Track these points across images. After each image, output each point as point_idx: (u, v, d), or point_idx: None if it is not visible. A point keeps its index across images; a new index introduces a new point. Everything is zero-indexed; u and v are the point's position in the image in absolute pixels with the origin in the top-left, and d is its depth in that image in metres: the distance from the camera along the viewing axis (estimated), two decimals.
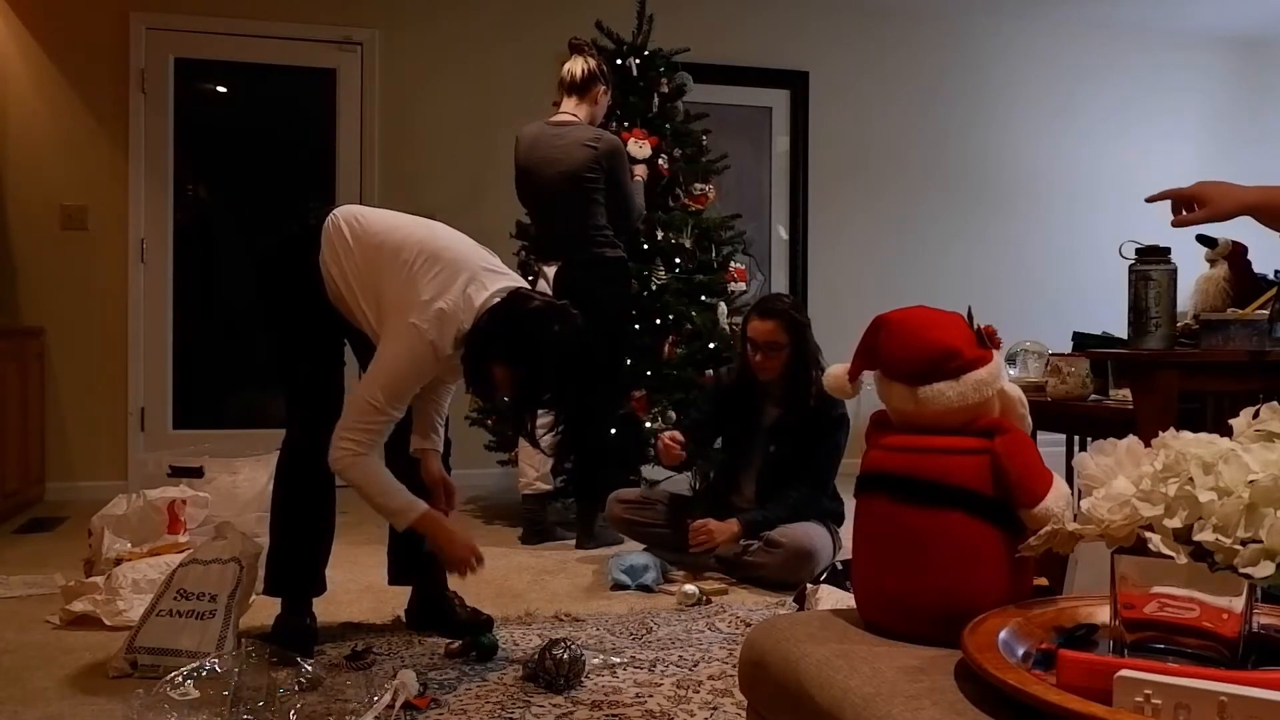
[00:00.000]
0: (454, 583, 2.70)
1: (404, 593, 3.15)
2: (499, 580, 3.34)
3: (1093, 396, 3.22)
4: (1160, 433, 0.95)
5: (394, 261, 2.36)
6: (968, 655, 0.89)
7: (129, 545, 3.04)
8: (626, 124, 4.47)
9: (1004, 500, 1.07)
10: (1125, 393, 3.00)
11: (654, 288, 4.26)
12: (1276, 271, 3.31)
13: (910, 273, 6.02)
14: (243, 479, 3.49)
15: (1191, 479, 0.87)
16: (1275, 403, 0.96)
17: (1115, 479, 0.94)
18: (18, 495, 4.43)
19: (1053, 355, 3.52)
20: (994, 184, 6.24)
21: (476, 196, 5.41)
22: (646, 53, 4.58)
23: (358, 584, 3.27)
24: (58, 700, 2.21)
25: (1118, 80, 6.43)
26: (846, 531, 2.99)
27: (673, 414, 4.19)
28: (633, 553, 3.44)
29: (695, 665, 2.45)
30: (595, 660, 2.44)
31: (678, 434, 3.44)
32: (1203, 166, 6.52)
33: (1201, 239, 3.34)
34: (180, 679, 2.05)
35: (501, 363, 2.31)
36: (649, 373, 4.17)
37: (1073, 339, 3.85)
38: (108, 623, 2.70)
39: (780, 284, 5.89)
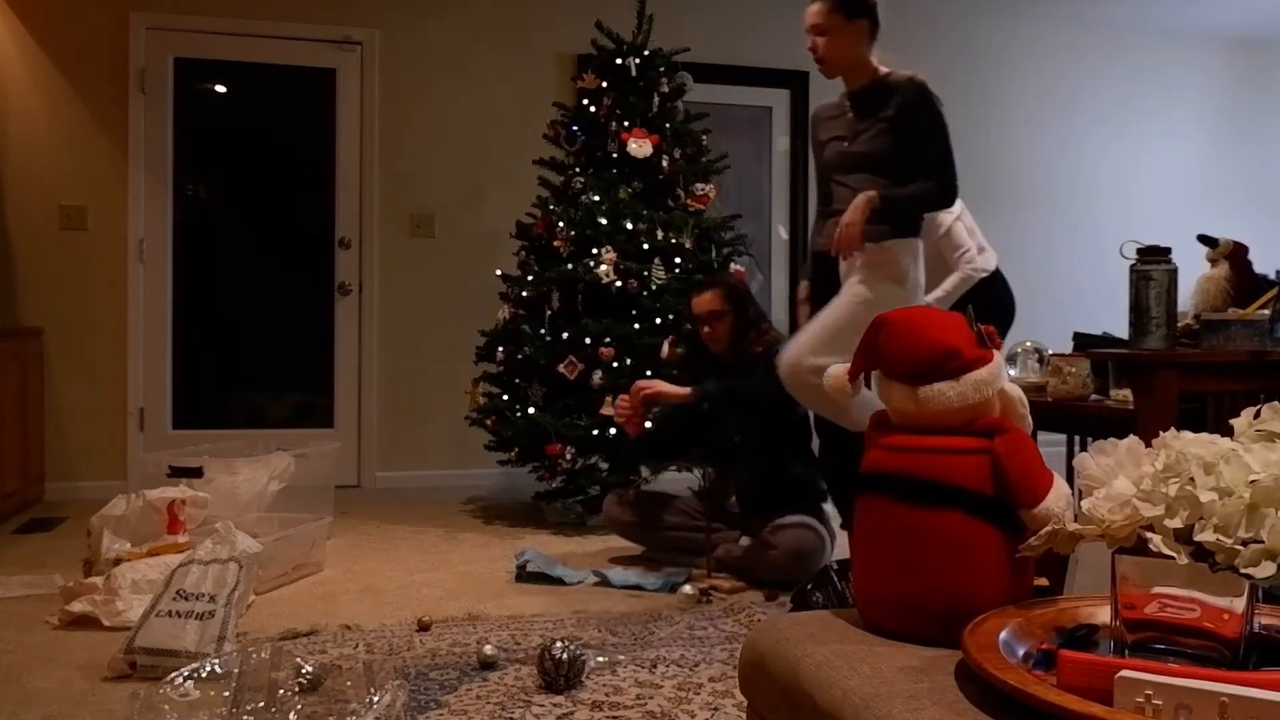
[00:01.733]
0: None
1: (402, 594, 3.16)
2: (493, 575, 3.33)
3: (1093, 396, 3.22)
4: (1161, 433, 0.95)
5: None
6: (968, 655, 0.89)
7: (128, 545, 3.03)
8: (626, 124, 4.47)
9: (1004, 500, 1.07)
10: (1126, 393, 3.00)
11: (654, 288, 4.27)
12: (1278, 271, 3.31)
13: None
14: (242, 479, 3.48)
15: (1192, 479, 0.87)
16: (1276, 403, 0.95)
17: (1116, 479, 0.94)
18: (17, 495, 4.43)
19: (1053, 355, 3.52)
20: (994, 183, 6.23)
21: (476, 196, 5.41)
22: (646, 53, 4.58)
23: (358, 584, 3.27)
24: (57, 701, 2.21)
25: (1118, 80, 6.43)
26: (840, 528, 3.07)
27: None
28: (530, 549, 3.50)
29: (696, 665, 2.45)
30: (600, 660, 2.44)
31: (625, 397, 3.52)
32: (1203, 166, 6.53)
33: (1202, 239, 3.34)
34: (180, 679, 2.04)
35: None
36: (649, 373, 4.17)
37: (1073, 339, 3.85)
38: (107, 623, 2.70)
39: (780, 284, 5.89)
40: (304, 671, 2.20)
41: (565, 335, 4.22)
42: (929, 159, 3.09)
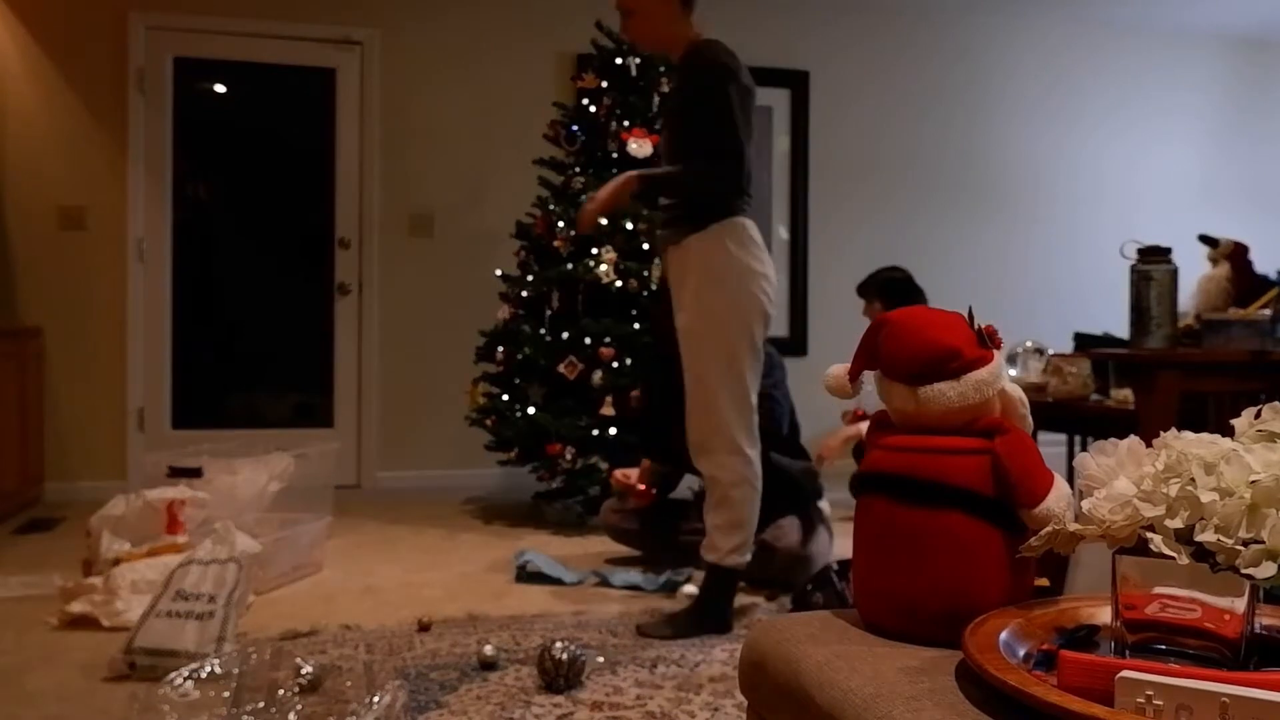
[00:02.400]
0: None
1: (402, 594, 3.15)
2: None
3: (1094, 396, 3.22)
4: (1162, 433, 0.95)
5: None
6: (968, 656, 0.89)
7: (128, 546, 3.03)
8: (626, 124, 4.47)
9: (1004, 500, 1.07)
10: (1126, 393, 3.00)
11: (654, 288, 4.26)
12: (1278, 271, 3.32)
13: (911, 272, 6.01)
14: (242, 479, 3.48)
15: (1193, 479, 0.87)
16: (1277, 403, 0.95)
17: (1116, 479, 0.94)
18: (16, 495, 4.43)
19: (1054, 355, 3.52)
20: (995, 184, 6.24)
21: (476, 196, 5.41)
22: (647, 52, 4.57)
23: (358, 584, 3.27)
24: (56, 701, 2.20)
25: (1119, 79, 6.43)
26: (841, 528, 3.06)
27: None
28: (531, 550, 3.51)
29: (696, 666, 2.45)
30: (600, 660, 2.44)
31: (630, 472, 3.47)
32: (1203, 166, 6.53)
33: (1203, 239, 3.35)
34: (180, 680, 2.04)
35: None
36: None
37: (1074, 339, 3.85)
38: (106, 623, 2.70)
39: (780, 284, 5.88)
40: (304, 671, 2.20)
41: (565, 335, 4.22)
42: (703, 131, 2.66)
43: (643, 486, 3.42)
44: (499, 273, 4.67)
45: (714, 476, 2.75)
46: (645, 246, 4.31)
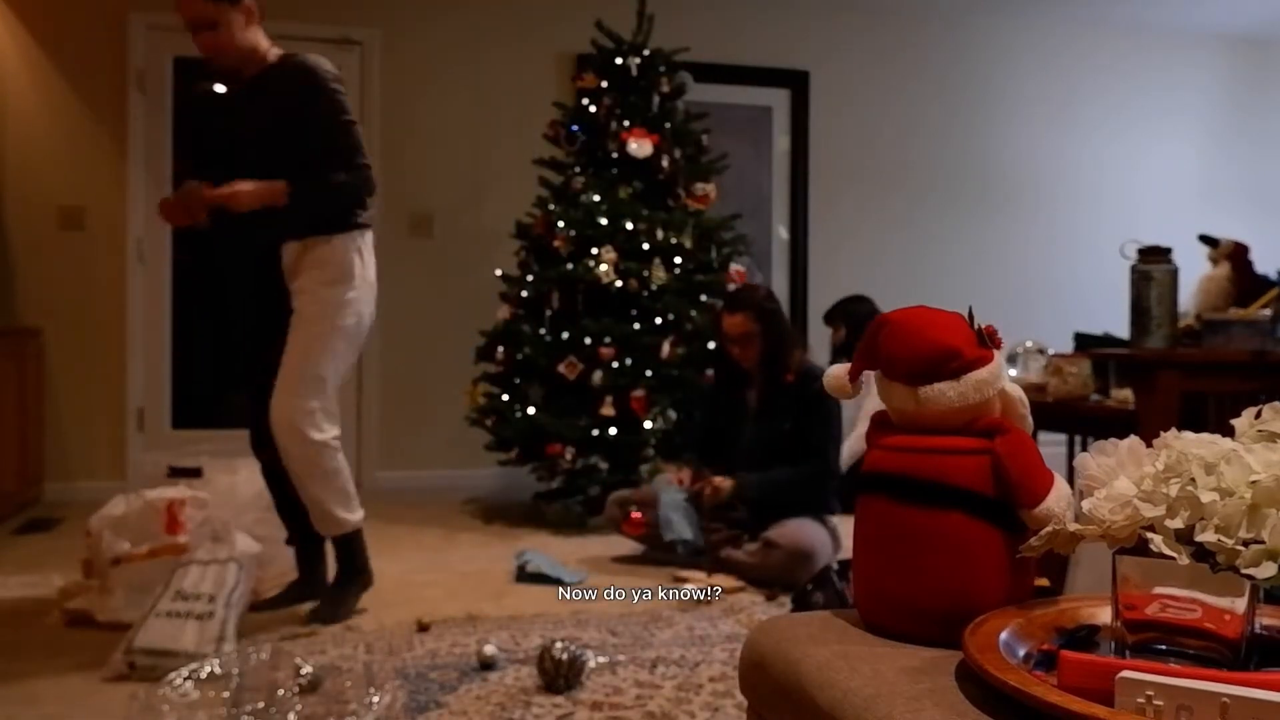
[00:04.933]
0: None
1: (402, 594, 3.16)
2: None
3: (1094, 396, 3.22)
4: (1162, 433, 0.95)
5: None
6: (969, 656, 0.89)
7: (127, 546, 3.03)
8: (626, 124, 4.47)
9: (1004, 501, 1.06)
10: (1126, 393, 3.01)
11: (654, 288, 4.26)
12: (1279, 271, 3.32)
13: (911, 272, 6.03)
14: (242, 479, 3.48)
15: (1193, 479, 0.87)
16: (1277, 403, 0.95)
17: (1117, 479, 0.94)
18: (16, 496, 4.43)
19: (1054, 355, 3.52)
20: (995, 184, 6.24)
21: (476, 196, 5.41)
22: (646, 53, 4.58)
23: None
24: (56, 702, 2.20)
25: (1119, 80, 6.43)
26: (843, 526, 3.06)
27: (672, 413, 4.20)
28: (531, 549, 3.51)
29: (696, 666, 2.45)
30: (600, 660, 2.43)
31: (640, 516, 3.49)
32: (1203, 166, 6.53)
33: (1203, 239, 3.35)
34: (180, 680, 2.04)
35: None
36: (649, 373, 4.17)
37: (1074, 339, 3.85)
38: (105, 623, 2.70)
39: (780, 284, 5.89)
40: (304, 671, 2.20)
41: (565, 335, 4.22)
42: (333, 144, 3.04)
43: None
44: (499, 273, 4.67)
45: (304, 454, 2.79)
46: (645, 246, 4.31)
